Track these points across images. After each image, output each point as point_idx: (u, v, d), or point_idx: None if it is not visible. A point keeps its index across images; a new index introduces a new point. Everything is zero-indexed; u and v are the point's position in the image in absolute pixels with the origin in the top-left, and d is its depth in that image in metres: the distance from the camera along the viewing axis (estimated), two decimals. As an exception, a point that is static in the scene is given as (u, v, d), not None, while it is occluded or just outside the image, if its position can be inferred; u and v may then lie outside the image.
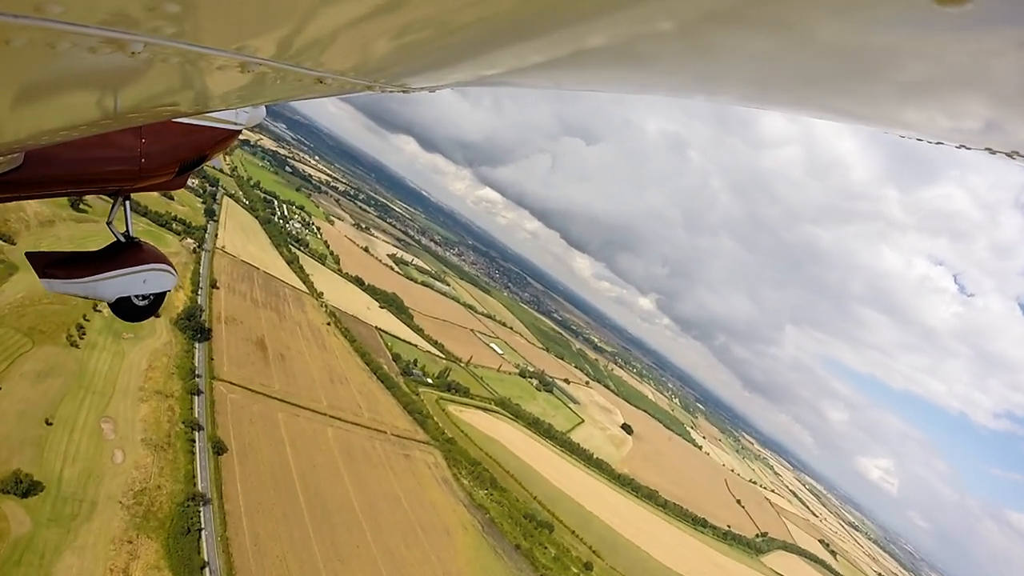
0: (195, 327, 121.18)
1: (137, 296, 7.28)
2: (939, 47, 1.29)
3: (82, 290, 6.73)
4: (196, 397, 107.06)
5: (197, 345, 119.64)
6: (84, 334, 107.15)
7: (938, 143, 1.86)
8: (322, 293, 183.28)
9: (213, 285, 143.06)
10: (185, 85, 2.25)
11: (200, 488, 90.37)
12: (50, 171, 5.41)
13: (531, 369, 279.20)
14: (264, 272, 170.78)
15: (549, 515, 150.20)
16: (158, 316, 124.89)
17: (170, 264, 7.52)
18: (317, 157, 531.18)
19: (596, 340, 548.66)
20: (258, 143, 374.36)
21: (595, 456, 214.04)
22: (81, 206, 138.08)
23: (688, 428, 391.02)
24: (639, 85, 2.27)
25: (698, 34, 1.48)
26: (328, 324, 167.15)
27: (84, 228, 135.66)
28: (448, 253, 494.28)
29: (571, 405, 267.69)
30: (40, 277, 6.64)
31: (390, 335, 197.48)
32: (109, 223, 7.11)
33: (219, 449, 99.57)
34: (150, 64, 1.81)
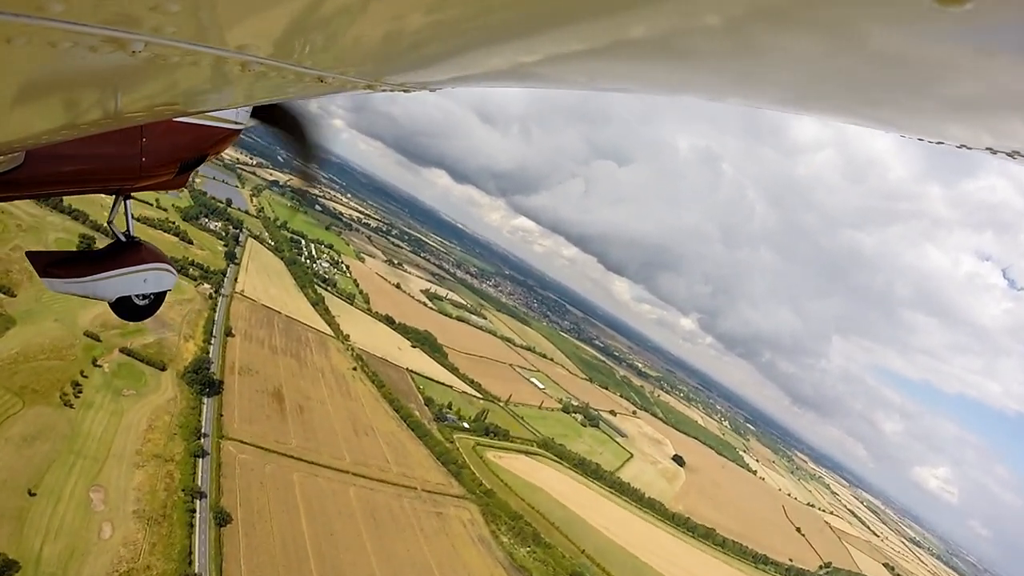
0: (203, 380, 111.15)
1: (137, 296, 7.27)
2: (940, 48, 1.29)
3: (82, 289, 6.71)
4: (200, 460, 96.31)
5: (205, 400, 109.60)
6: (80, 392, 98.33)
7: (939, 143, 1.86)
8: (348, 335, 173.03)
9: (228, 333, 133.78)
10: (186, 84, 2.26)
11: (196, 568, 78.74)
12: (51, 170, 5.43)
13: (575, 403, 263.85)
14: (286, 316, 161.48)
15: (600, 572, 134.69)
16: (163, 369, 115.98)
17: (170, 264, 7.58)
18: (349, 195, 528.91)
19: (640, 365, 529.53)
20: (288, 183, 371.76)
21: (647, 495, 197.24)
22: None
23: (740, 452, 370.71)
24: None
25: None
26: (354, 369, 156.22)
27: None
28: (485, 285, 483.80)
29: (619, 439, 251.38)
30: (41, 276, 6.65)
31: (422, 376, 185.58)
32: (110, 222, 7.18)
33: (222, 520, 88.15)
34: (151, 63, 1.81)
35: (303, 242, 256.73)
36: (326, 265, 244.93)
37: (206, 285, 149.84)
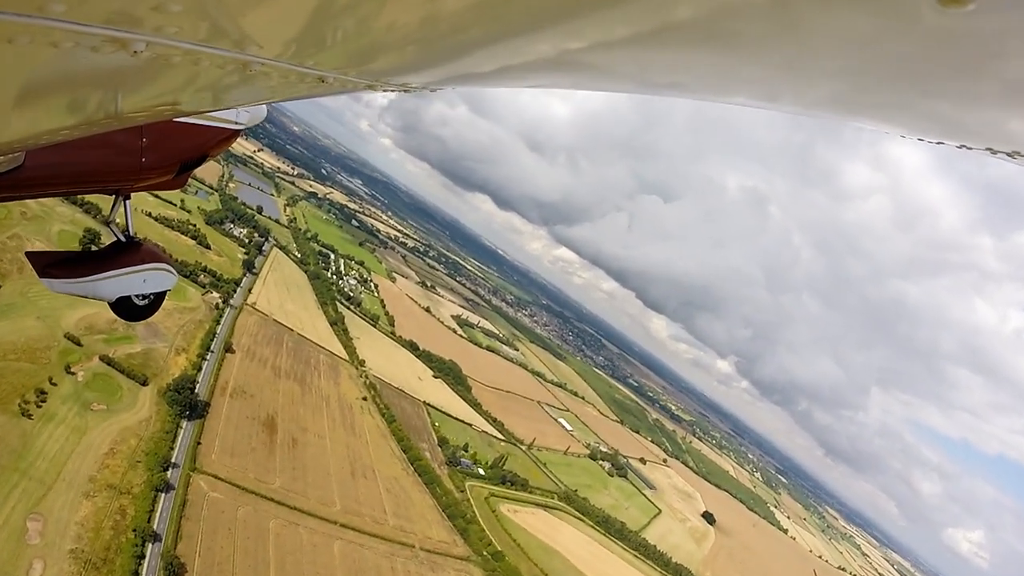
0: (185, 401, 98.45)
1: (137, 296, 7.28)
2: (942, 48, 1.27)
3: (82, 290, 6.72)
4: (162, 495, 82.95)
5: (184, 424, 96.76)
6: (44, 401, 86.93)
7: (939, 143, 1.84)
8: (364, 361, 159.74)
9: (227, 348, 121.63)
10: (187, 84, 2.25)
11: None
12: (51, 170, 5.46)
13: (603, 449, 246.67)
14: (298, 334, 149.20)
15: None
16: (144, 383, 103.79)
17: (170, 264, 7.52)
18: (390, 212, 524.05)
19: (673, 407, 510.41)
20: (327, 196, 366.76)
21: (673, 560, 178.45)
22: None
23: (772, 507, 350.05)
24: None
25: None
26: (364, 399, 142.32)
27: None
28: (520, 314, 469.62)
29: (647, 492, 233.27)
30: (40, 277, 6.65)
31: (440, 411, 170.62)
32: (109, 223, 7.18)
33: (173, 571, 74.30)
34: (152, 63, 1.82)
35: (332, 256, 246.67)
36: (353, 282, 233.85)
37: (215, 294, 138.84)
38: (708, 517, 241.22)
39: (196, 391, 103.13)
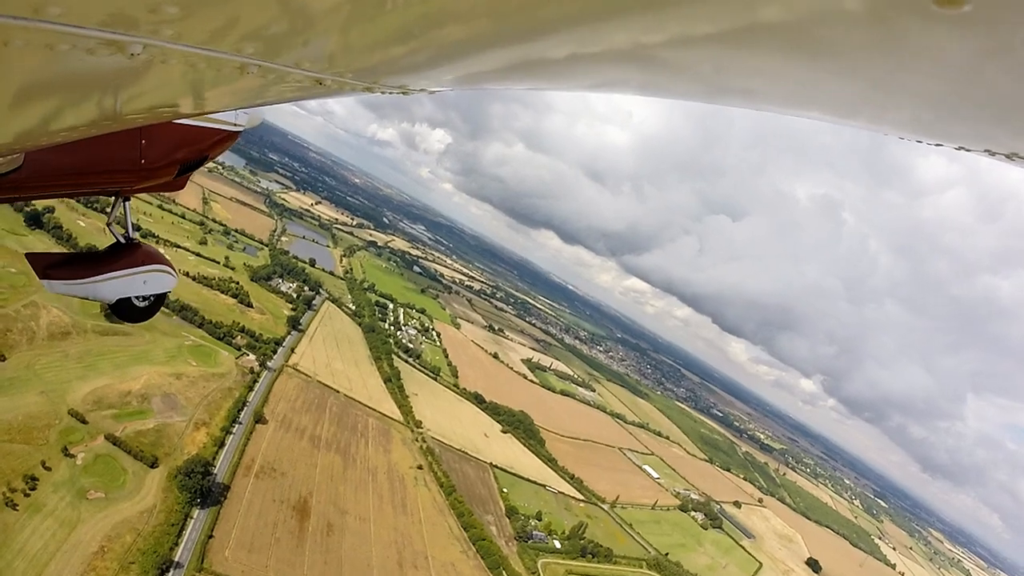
0: (197, 486, 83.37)
1: (137, 297, 7.27)
2: (939, 49, 1.26)
3: (82, 291, 6.71)
4: (157, 612, 67.11)
5: (197, 512, 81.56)
6: (34, 488, 74.73)
7: (938, 144, 1.82)
8: (421, 421, 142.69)
9: (258, 419, 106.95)
10: (184, 86, 2.24)
11: None
12: (51, 172, 5.45)
13: (694, 497, 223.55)
14: (345, 396, 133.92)
15: None
16: (154, 466, 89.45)
17: (170, 265, 7.53)
18: (454, 256, 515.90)
19: (762, 436, 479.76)
20: (388, 244, 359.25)
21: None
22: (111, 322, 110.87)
23: (875, 539, 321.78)
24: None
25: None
26: (419, 468, 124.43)
27: (107, 343, 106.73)
28: (595, 351, 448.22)
29: (745, 543, 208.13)
30: (40, 278, 6.60)
31: (509, 473, 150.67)
32: (109, 224, 7.13)
33: None
34: (149, 66, 1.81)
35: (391, 306, 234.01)
36: (413, 332, 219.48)
37: (251, 356, 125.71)
38: (813, 565, 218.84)
39: (214, 471, 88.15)
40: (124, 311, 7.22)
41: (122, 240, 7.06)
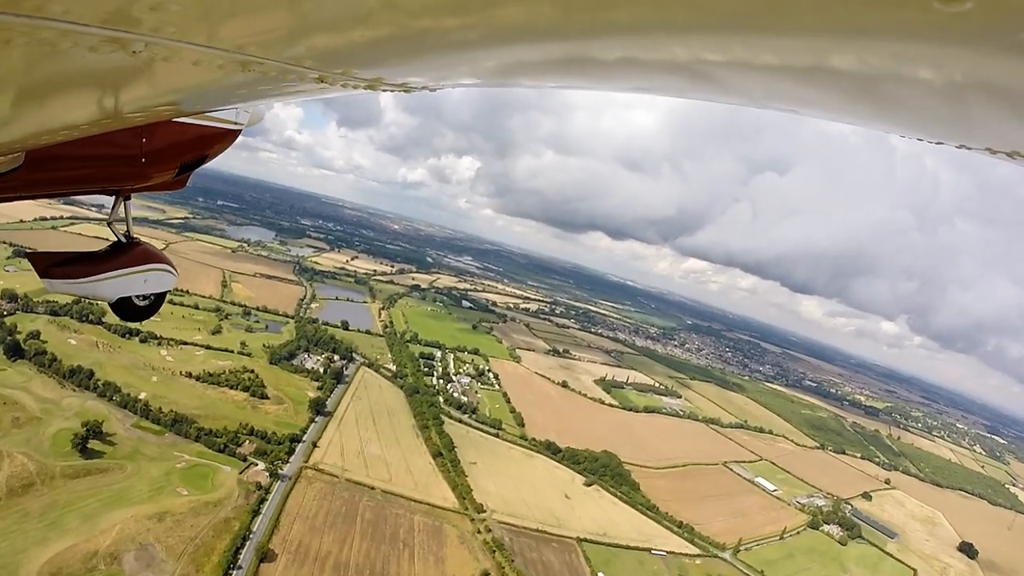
0: None
1: (138, 296, 7.26)
2: (940, 47, 1.26)
3: (83, 290, 6.73)
4: None
5: None
6: None
7: (939, 143, 1.82)
8: (483, 505, 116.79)
9: (263, 557, 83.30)
10: (186, 85, 2.26)
11: None
12: (51, 171, 5.51)
13: (819, 503, 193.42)
14: (382, 491, 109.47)
15: None
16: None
17: (170, 264, 7.48)
18: (505, 280, 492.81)
19: (862, 398, 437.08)
20: (433, 284, 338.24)
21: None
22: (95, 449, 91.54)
23: (1009, 487, 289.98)
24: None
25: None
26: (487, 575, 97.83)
27: (78, 488, 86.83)
28: (670, 347, 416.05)
29: (889, 546, 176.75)
30: (41, 277, 6.62)
31: (602, 545, 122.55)
32: (110, 223, 7.10)
33: None
34: (151, 63, 1.81)
35: (438, 355, 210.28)
36: (466, 380, 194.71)
37: (260, 466, 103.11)
38: (967, 550, 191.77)
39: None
40: (125, 310, 7.19)
41: (123, 239, 7.03)
